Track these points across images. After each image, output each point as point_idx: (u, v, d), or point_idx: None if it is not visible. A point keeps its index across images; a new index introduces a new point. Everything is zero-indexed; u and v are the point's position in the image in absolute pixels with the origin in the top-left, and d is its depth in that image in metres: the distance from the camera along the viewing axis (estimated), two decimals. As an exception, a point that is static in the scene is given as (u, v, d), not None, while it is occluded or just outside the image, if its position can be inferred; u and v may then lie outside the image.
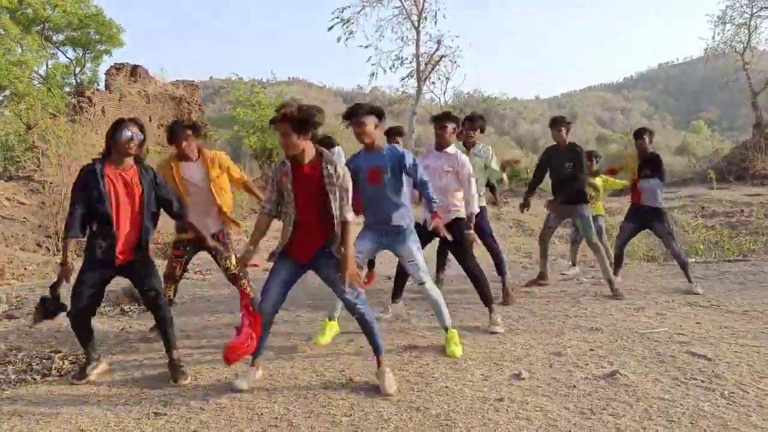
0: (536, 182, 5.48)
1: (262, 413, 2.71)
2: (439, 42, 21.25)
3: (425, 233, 4.09)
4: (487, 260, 5.12)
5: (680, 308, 4.59)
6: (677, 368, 3.17)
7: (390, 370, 3.03)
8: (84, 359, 3.33)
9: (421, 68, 21.38)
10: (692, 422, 2.49)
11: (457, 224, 4.07)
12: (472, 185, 4.05)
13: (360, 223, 3.65)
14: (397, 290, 4.56)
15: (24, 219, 8.93)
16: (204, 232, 3.50)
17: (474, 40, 27.85)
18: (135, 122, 3.19)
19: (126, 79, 17.69)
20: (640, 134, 5.39)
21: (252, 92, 22.00)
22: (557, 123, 5.16)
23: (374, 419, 2.61)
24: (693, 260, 7.35)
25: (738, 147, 20.09)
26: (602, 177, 6.53)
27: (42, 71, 19.25)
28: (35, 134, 11.50)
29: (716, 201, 13.75)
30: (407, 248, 3.47)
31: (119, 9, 58.05)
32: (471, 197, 4.03)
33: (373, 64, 21.82)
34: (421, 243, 3.65)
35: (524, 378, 3.06)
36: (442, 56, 21.57)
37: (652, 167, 5.28)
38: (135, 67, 18.34)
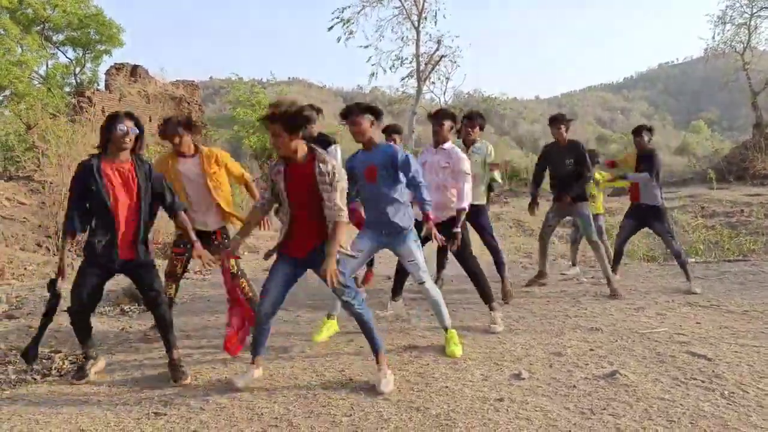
0: (539, 181, 5.46)
1: (262, 413, 2.71)
2: (439, 42, 21.26)
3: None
4: (486, 258, 5.12)
5: (680, 308, 4.59)
6: (677, 368, 3.17)
7: (389, 370, 3.04)
8: (83, 359, 3.34)
9: (421, 68, 21.36)
10: (692, 422, 2.49)
11: (456, 222, 4.06)
12: (465, 180, 4.00)
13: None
14: (397, 288, 4.55)
15: (24, 219, 8.92)
16: (196, 245, 3.37)
17: (474, 40, 27.83)
18: (130, 116, 3.16)
19: (126, 79, 17.68)
20: (639, 132, 5.42)
21: (252, 92, 22.05)
22: (557, 121, 5.16)
23: (374, 419, 2.61)
24: (693, 260, 7.35)
25: (738, 147, 20.09)
26: (601, 173, 6.54)
27: (42, 71, 19.27)
28: (35, 134, 11.49)
29: (716, 201, 13.75)
30: (407, 247, 3.46)
31: (119, 9, 58.14)
32: (462, 192, 3.98)
33: (373, 64, 21.83)
34: (421, 241, 3.65)
35: (524, 378, 3.06)
36: (442, 56, 21.57)
37: (645, 160, 5.32)
38: (135, 67, 18.33)
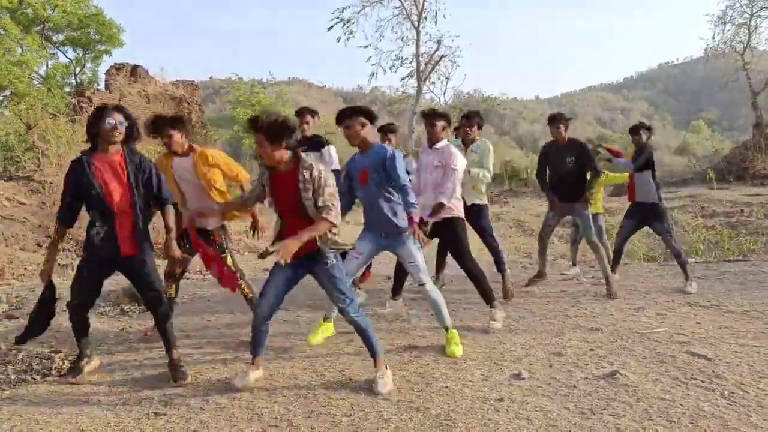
0: (545, 178, 5.36)
1: (262, 413, 2.71)
2: (439, 42, 21.22)
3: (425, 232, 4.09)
4: (486, 258, 5.13)
5: (680, 308, 4.59)
6: (677, 368, 3.17)
7: (388, 371, 3.04)
8: (77, 357, 3.35)
9: (421, 68, 21.34)
10: (692, 422, 2.49)
11: (454, 223, 4.05)
12: (451, 176, 3.95)
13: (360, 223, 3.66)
14: (397, 287, 4.55)
15: (24, 219, 8.91)
16: (171, 235, 3.26)
17: (474, 40, 27.79)
18: (119, 109, 3.12)
19: (126, 79, 17.66)
20: (636, 130, 5.47)
21: (252, 92, 22.03)
22: (555, 120, 5.16)
23: (374, 419, 2.61)
24: (693, 260, 7.35)
25: (738, 147, 20.07)
26: (605, 172, 6.53)
27: (42, 71, 19.25)
28: (35, 134, 11.46)
29: (716, 201, 13.73)
30: (407, 249, 3.45)
31: (119, 9, 58.30)
32: (447, 189, 3.94)
33: (373, 64, 21.79)
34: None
35: (524, 378, 3.06)
36: (442, 56, 21.54)
37: (637, 153, 5.37)
38: (135, 67, 18.30)
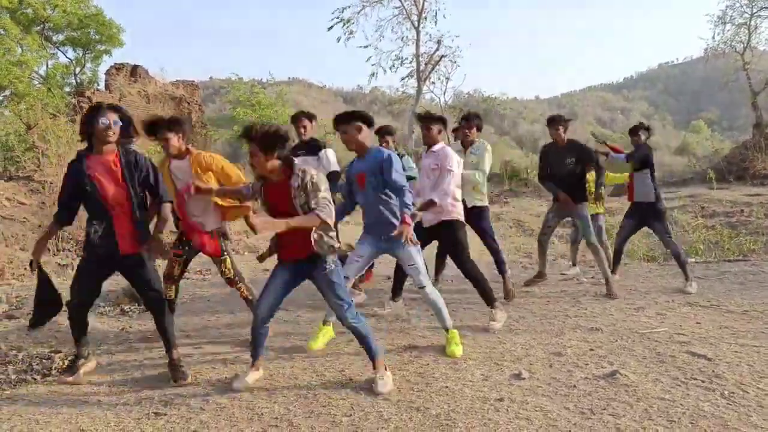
0: (547, 177, 5.33)
1: (263, 413, 2.71)
2: (439, 42, 21.22)
3: (424, 234, 4.08)
4: (486, 259, 5.13)
5: (680, 308, 4.59)
6: (677, 368, 3.17)
7: (388, 372, 3.04)
8: (74, 357, 3.35)
9: (421, 68, 21.34)
10: (692, 422, 2.49)
11: (453, 226, 4.04)
12: (447, 176, 3.94)
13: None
14: (397, 288, 4.55)
15: (24, 219, 8.91)
16: (159, 229, 3.25)
17: (474, 40, 27.86)
18: (113, 108, 3.09)
19: (126, 79, 17.66)
20: (635, 131, 5.50)
21: (252, 92, 22.02)
22: (555, 122, 5.16)
23: (374, 419, 2.61)
24: (693, 260, 7.35)
25: (738, 147, 20.05)
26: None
27: (42, 71, 19.26)
28: (35, 134, 11.45)
29: (716, 201, 13.72)
30: (407, 252, 3.44)
31: (119, 9, 58.31)
32: (440, 189, 3.92)
33: (373, 64, 21.80)
34: (421, 245, 3.64)
35: (524, 378, 3.06)
36: (442, 56, 21.54)
37: (635, 151, 5.39)
38: (135, 67, 18.29)
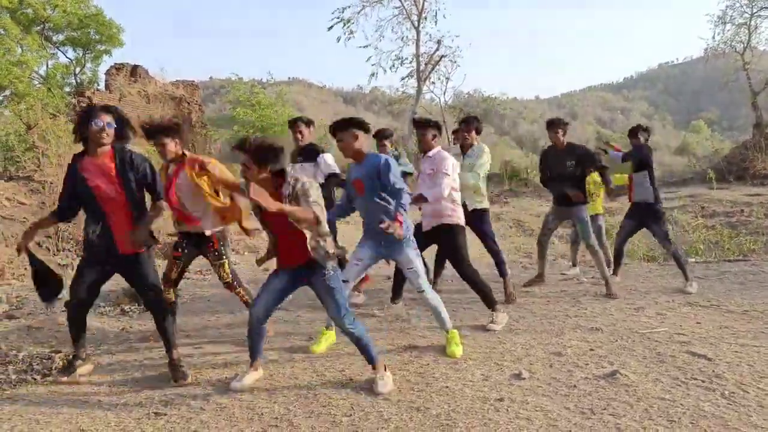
0: (548, 177, 5.32)
1: (263, 413, 2.71)
2: (439, 42, 21.25)
3: (423, 238, 4.08)
4: (487, 260, 5.12)
5: (680, 308, 4.59)
6: (677, 368, 3.17)
7: (387, 373, 3.04)
8: (72, 357, 3.36)
9: (421, 68, 21.36)
10: (693, 422, 2.49)
11: (453, 230, 4.04)
12: (442, 179, 3.93)
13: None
14: (397, 289, 4.55)
15: (24, 219, 8.90)
16: (138, 235, 3.15)
17: (474, 40, 27.89)
18: (106, 110, 3.08)
19: (126, 79, 17.65)
20: (635, 133, 5.51)
21: (252, 92, 22.00)
22: (554, 125, 5.17)
23: (374, 419, 2.61)
24: (693, 260, 7.35)
25: (738, 147, 20.04)
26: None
27: (42, 71, 19.26)
28: (35, 134, 11.45)
29: (716, 201, 13.72)
30: (406, 256, 3.44)
31: (119, 9, 58.12)
32: (434, 189, 3.91)
33: (373, 64, 21.88)
34: (420, 248, 3.63)
35: (524, 378, 3.06)
36: (442, 56, 21.57)
37: (632, 152, 5.42)
38: (135, 67, 18.28)
